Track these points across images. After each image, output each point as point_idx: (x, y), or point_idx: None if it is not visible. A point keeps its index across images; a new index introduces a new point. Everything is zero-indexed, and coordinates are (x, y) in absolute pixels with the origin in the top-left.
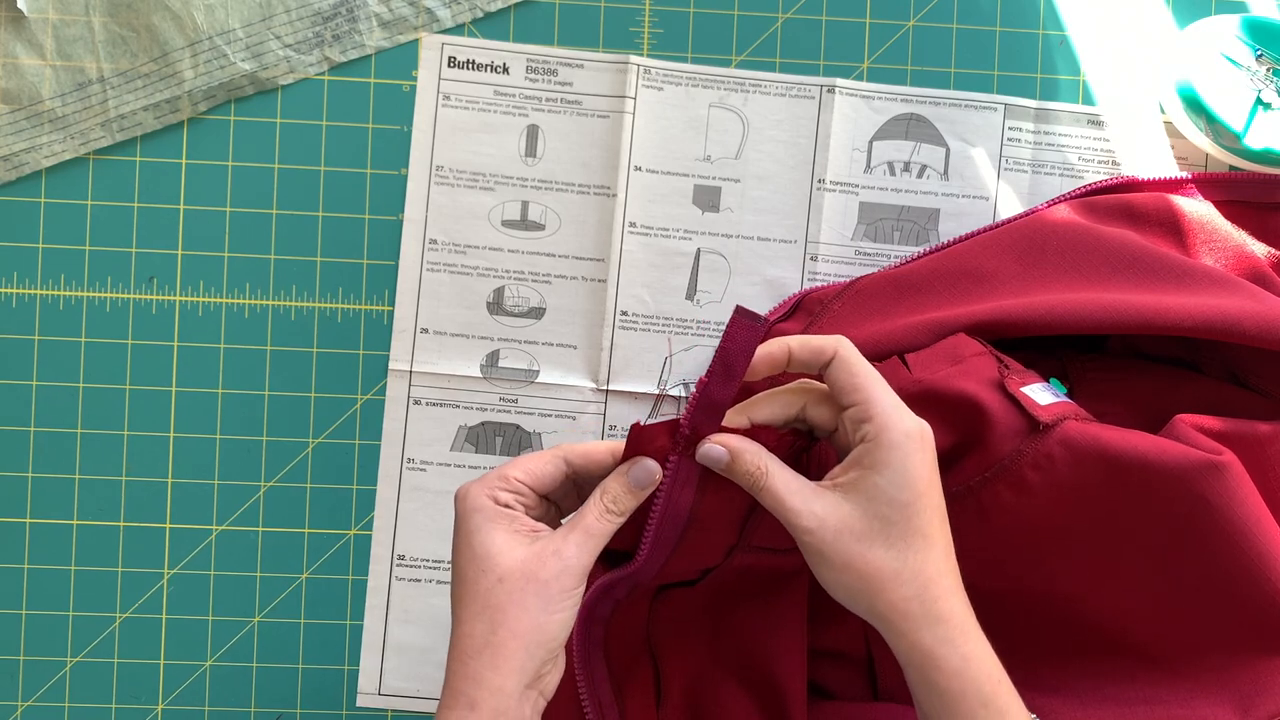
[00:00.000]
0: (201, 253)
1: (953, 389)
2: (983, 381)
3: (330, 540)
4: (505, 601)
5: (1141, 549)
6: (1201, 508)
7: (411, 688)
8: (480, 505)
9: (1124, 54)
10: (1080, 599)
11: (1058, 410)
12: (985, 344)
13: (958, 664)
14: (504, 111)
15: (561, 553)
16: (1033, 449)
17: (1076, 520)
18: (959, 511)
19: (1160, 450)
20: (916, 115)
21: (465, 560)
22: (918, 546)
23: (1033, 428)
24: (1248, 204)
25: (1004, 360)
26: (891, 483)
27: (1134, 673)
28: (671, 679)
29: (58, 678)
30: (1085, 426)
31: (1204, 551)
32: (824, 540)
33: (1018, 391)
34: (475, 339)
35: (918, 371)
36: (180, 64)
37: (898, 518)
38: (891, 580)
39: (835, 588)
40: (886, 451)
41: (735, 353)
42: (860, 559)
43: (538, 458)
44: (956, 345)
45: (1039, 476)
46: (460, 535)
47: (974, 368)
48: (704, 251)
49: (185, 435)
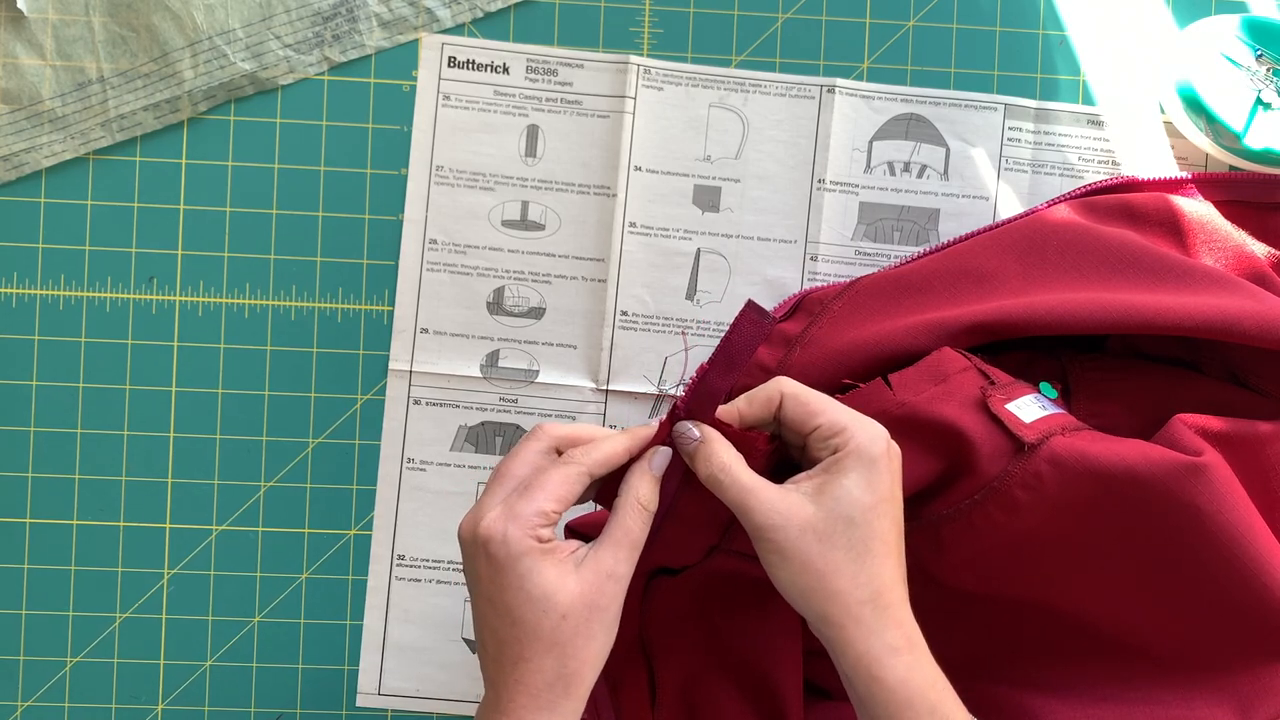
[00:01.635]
0: (201, 253)
1: (935, 415)
2: (966, 403)
3: (330, 540)
4: (572, 636)
5: (1137, 559)
6: (1192, 515)
7: (411, 688)
8: (527, 548)
9: (1124, 54)
10: (1077, 605)
11: (1043, 427)
12: (970, 357)
13: (902, 673)
14: (504, 111)
15: (615, 574)
16: (1020, 469)
17: (1070, 534)
18: (951, 531)
19: (1147, 459)
20: (916, 115)
21: (520, 603)
22: (876, 552)
23: (1018, 448)
24: (1248, 204)
25: (989, 374)
26: (858, 485)
27: (1134, 674)
28: (666, 679)
29: (58, 678)
30: (1072, 441)
31: (1198, 559)
32: (787, 538)
33: (1001, 410)
34: (475, 339)
35: (901, 393)
36: (180, 64)
37: (860, 520)
38: (849, 582)
39: (790, 588)
40: (855, 458)
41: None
42: (821, 558)
43: (562, 481)
44: (940, 362)
45: (1028, 496)
46: (508, 579)
47: (957, 386)
48: (704, 251)
49: (185, 435)
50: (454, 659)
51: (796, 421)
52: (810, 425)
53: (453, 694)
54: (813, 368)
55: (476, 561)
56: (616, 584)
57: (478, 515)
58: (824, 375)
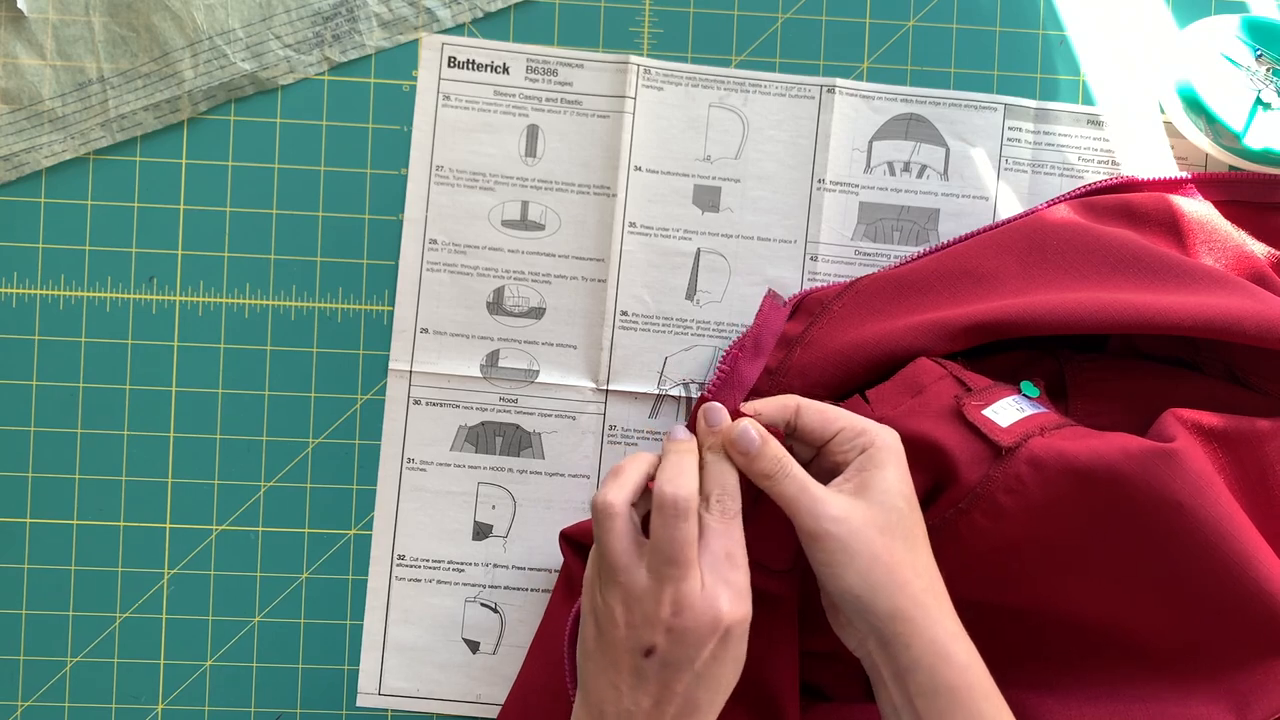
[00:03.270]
0: (201, 253)
1: (910, 430)
2: (941, 414)
3: (330, 540)
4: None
5: (1125, 557)
6: (1172, 509)
7: (411, 688)
8: (742, 616)
9: (1124, 54)
10: (1069, 605)
11: (1020, 430)
12: (946, 365)
13: (965, 658)
14: (504, 111)
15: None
16: (1001, 473)
17: (1057, 536)
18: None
19: (1124, 452)
20: (916, 115)
21: (731, 671)
22: (920, 541)
23: (997, 453)
24: (1247, 204)
25: (965, 381)
26: (896, 477)
27: (1130, 673)
28: None
29: (58, 678)
30: (1050, 441)
31: (1184, 554)
32: (851, 532)
33: (977, 417)
34: (475, 339)
35: (879, 408)
36: (180, 64)
37: (907, 509)
38: (911, 572)
39: (858, 585)
40: (885, 452)
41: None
42: (886, 551)
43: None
44: (917, 373)
45: (1011, 500)
46: (728, 646)
47: (934, 396)
48: (704, 251)
49: (185, 435)
50: (454, 659)
51: (815, 428)
52: (832, 430)
53: (453, 694)
54: (813, 368)
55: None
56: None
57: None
58: (824, 375)
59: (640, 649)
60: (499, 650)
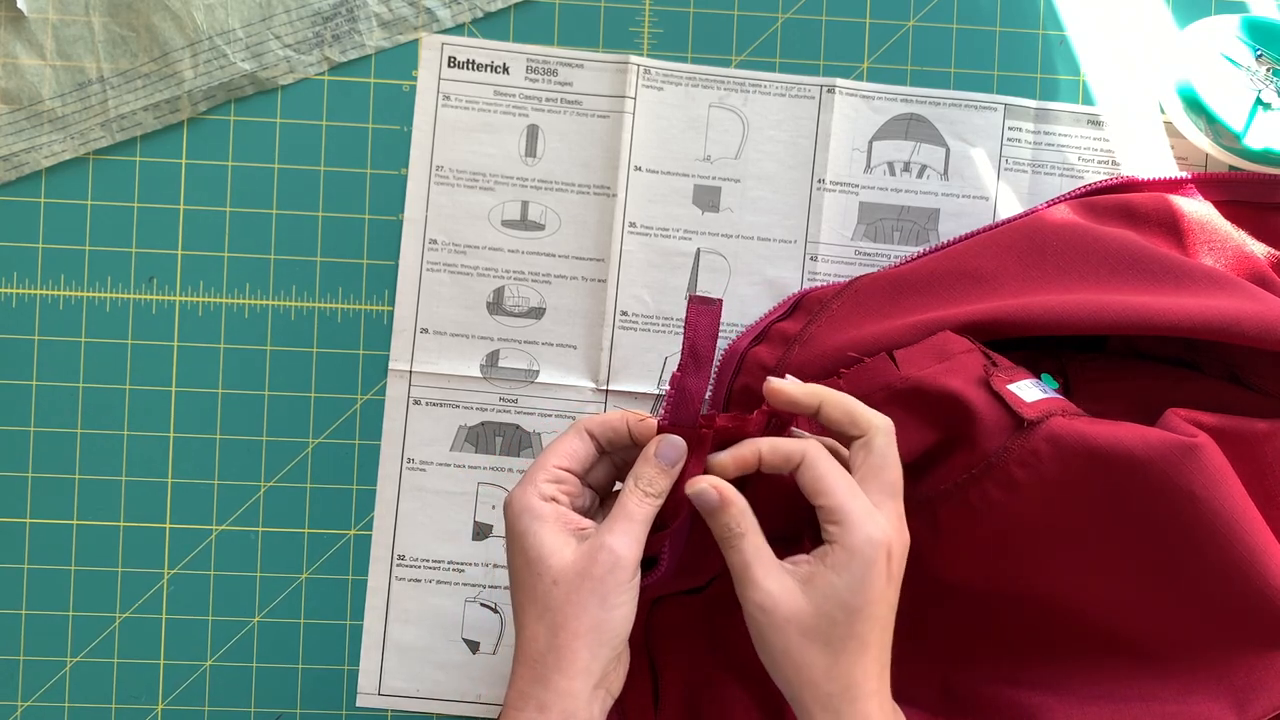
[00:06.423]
0: (201, 253)
1: (938, 386)
2: (969, 379)
3: (330, 540)
4: (563, 603)
5: (1133, 545)
6: (1186, 499)
7: (411, 688)
8: (527, 504)
9: (1124, 54)
10: (1073, 596)
11: (1044, 407)
12: (973, 341)
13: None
14: (504, 111)
15: (609, 546)
16: (1019, 446)
17: (1066, 516)
18: (949, 513)
19: (1145, 441)
20: (916, 115)
21: (520, 565)
22: (853, 650)
23: (1018, 425)
24: (1247, 204)
25: (991, 357)
26: (847, 586)
27: (1129, 670)
28: (669, 680)
29: (58, 678)
30: (1071, 422)
31: (1193, 545)
32: (771, 624)
33: (1003, 389)
34: (475, 339)
35: (905, 369)
36: (180, 64)
37: (843, 619)
38: (822, 676)
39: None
40: (848, 555)
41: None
42: (798, 652)
43: (562, 440)
44: (945, 342)
45: (1026, 473)
46: (512, 540)
47: (961, 365)
48: (704, 251)
49: (185, 435)
50: (454, 659)
51: (808, 491)
52: (816, 501)
53: (453, 694)
54: (811, 366)
55: (505, 532)
56: (611, 557)
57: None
58: (822, 373)
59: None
60: (499, 650)
